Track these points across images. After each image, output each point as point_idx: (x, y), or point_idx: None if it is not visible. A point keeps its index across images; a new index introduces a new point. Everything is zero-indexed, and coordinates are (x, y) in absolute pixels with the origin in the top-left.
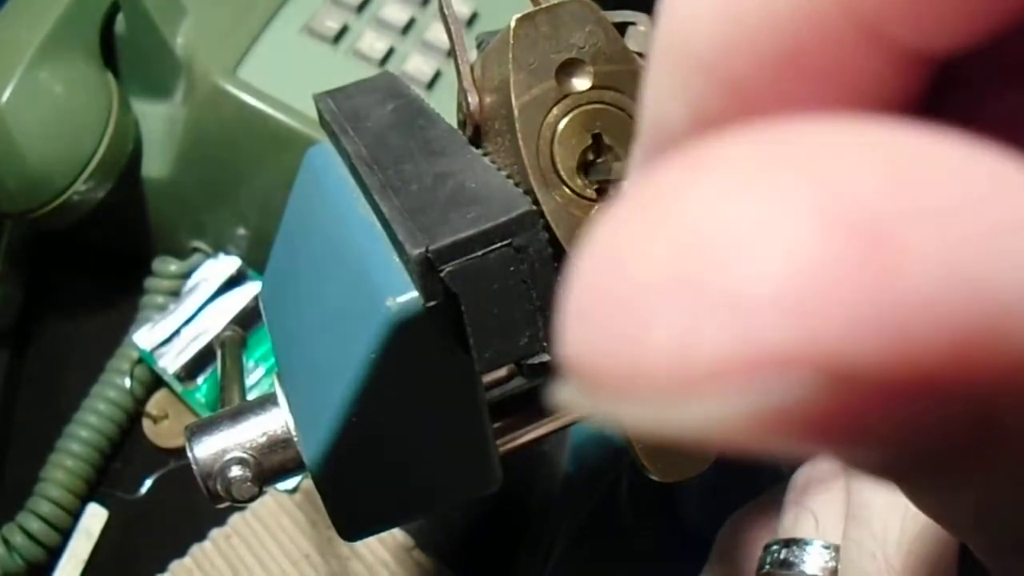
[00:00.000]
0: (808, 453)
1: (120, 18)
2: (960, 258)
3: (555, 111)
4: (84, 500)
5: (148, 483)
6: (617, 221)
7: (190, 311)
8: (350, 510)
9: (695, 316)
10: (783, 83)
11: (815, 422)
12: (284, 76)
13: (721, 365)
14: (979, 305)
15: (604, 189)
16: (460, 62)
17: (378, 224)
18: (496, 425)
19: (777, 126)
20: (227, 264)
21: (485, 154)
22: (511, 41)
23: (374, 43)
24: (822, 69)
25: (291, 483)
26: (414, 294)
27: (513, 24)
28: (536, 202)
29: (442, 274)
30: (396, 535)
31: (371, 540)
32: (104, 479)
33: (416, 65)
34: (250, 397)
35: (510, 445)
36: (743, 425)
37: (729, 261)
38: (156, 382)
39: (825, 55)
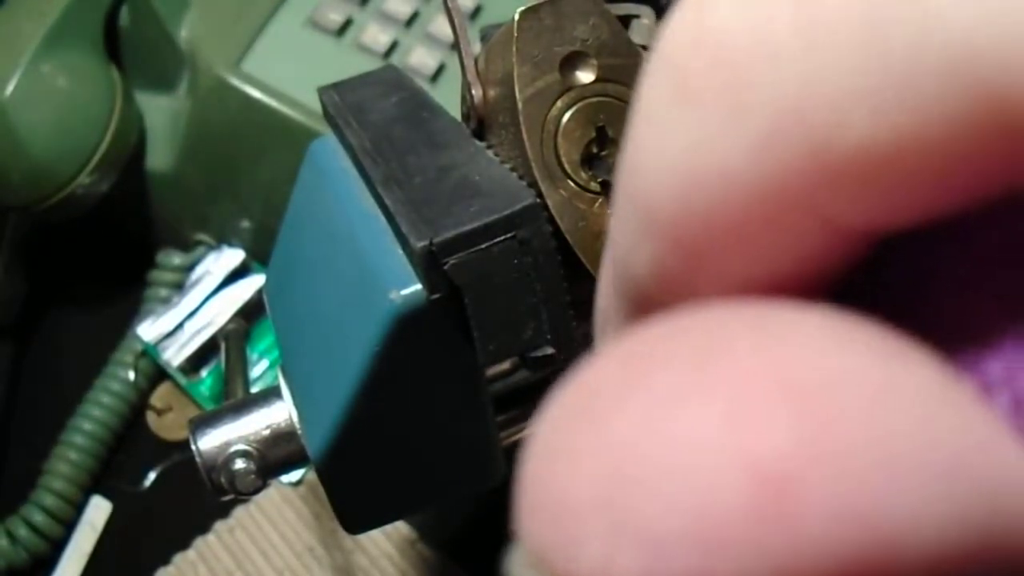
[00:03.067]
0: None
1: (124, 11)
2: (852, 505)
3: (559, 104)
4: (88, 493)
5: (152, 476)
6: (556, 424)
7: (194, 304)
8: (354, 503)
9: (615, 543)
10: (733, 252)
11: None
12: (288, 69)
13: None
14: (868, 549)
15: (608, 182)
16: (464, 55)
17: (382, 217)
18: (500, 418)
19: (707, 326)
20: (231, 257)
21: (489, 147)
22: (515, 34)
23: (378, 36)
24: (772, 243)
25: (295, 476)
26: (418, 287)
27: (517, 17)
28: (540, 195)
29: (446, 267)
30: (400, 528)
31: (375, 533)
32: (108, 472)
33: (420, 58)
34: (254, 390)
35: (514, 438)
36: None
37: (645, 494)
38: (160, 375)
39: (775, 231)
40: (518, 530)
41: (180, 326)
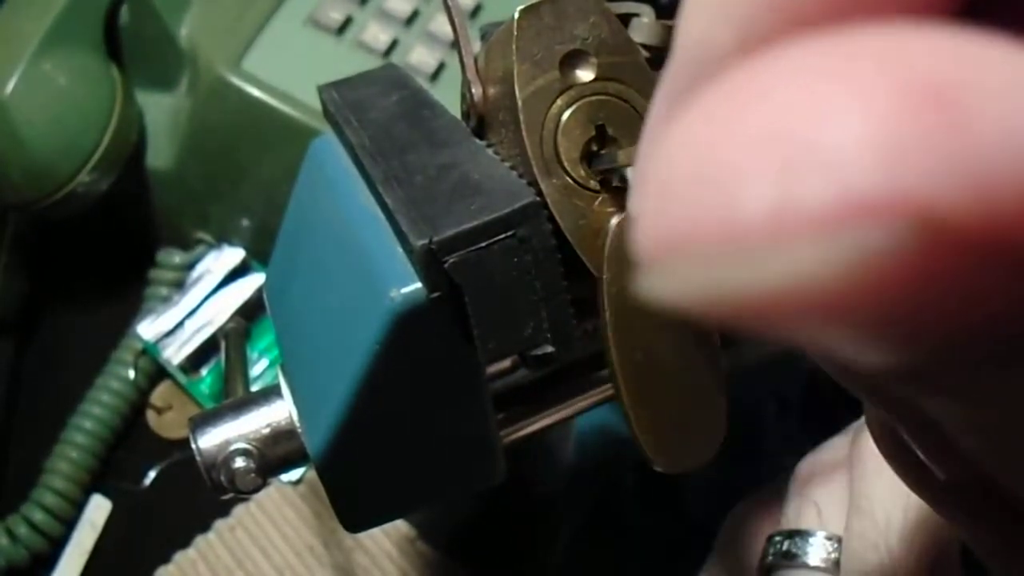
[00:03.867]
0: (888, 323)
1: (124, 9)
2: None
3: (559, 102)
4: (88, 491)
5: (152, 474)
6: (691, 112)
7: (194, 302)
8: (354, 501)
9: (790, 171)
10: (841, 11)
11: (905, 273)
12: (288, 67)
13: (820, 212)
14: None
15: (607, 180)
16: (464, 53)
17: (382, 215)
18: (500, 416)
19: (840, 31)
20: (231, 255)
21: (489, 145)
22: (515, 32)
23: (378, 34)
24: None
25: (295, 474)
26: (418, 285)
27: (517, 15)
28: (540, 193)
29: (446, 265)
30: (400, 526)
31: (375, 531)
32: (108, 470)
33: (420, 56)
34: (254, 388)
35: (514, 436)
36: (840, 276)
37: (819, 124)
38: (160, 373)
39: None
40: (646, 226)
41: (180, 324)
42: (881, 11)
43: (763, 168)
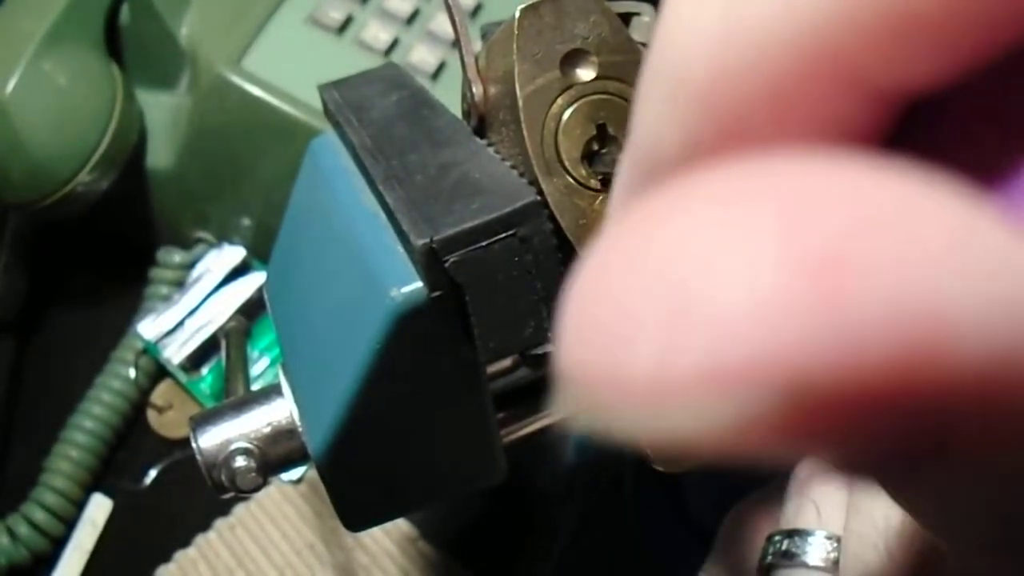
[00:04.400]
0: (778, 456)
1: (124, 9)
2: (902, 283)
3: (559, 101)
4: (89, 490)
5: (153, 473)
6: (607, 243)
7: (194, 301)
8: (354, 500)
9: (672, 334)
10: (769, 116)
11: (778, 430)
12: (288, 67)
13: (694, 379)
14: (919, 326)
15: (608, 179)
16: (464, 52)
17: (382, 214)
18: (500, 415)
19: (752, 163)
20: (231, 254)
21: (490, 144)
22: (516, 31)
23: (378, 34)
24: (805, 106)
25: (295, 473)
26: (418, 284)
27: (518, 14)
28: (540, 192)
29: (446, 264)
30: (400, 525)
31: (375, 530)
32: (109, 469)
33: (420, 56)
34: (254, 387)
35: (514, 435)
36: (716, 433)
37: (703, 287)
38: (161, 372)
39: (809, 93)
40: (560, 358)
41: (181, 324)
42: (816, 134)
43: (649, 327)
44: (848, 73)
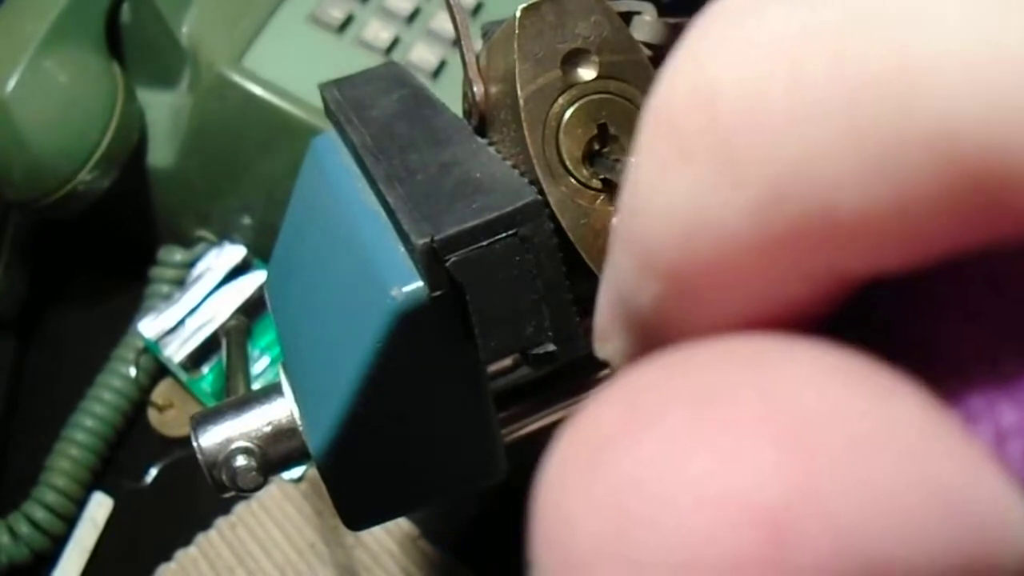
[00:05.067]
0: None
1: (125, 7)
2: (846, 540)
3: (561, 101)
4: (89, 489)
5: (153, 472)
6: (565, 462)
7: (195, 300)
8: (355, 499)
9: None
10: (730, 295)
11: None
12: (289, 65)
13: None
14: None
15: (609, 179)
16: (465, 52)
17: (383, 213)
18: (501, 415)
19: (703, 367)
20: (232, 253)
21: (490, 144)
22: (516, 31)
23: (379, 32)
24: (768, 287)
25: (296, 472)
26: (419, 284)
27: (519, 14)
28: (541, 192)
29: (447, 264)
30: (401, 524)
31: (376, 529)
32: (109, 468)
33: (421, 54)
34: (255, 386)
35: (515, 435)
36: None
37: (649, 543)
38: (161, 371)
39: (771, 277)
40: (531, 558)
41: (181, 322)
42: (773, 314)
43: (602, 560)
44: (805, 265)
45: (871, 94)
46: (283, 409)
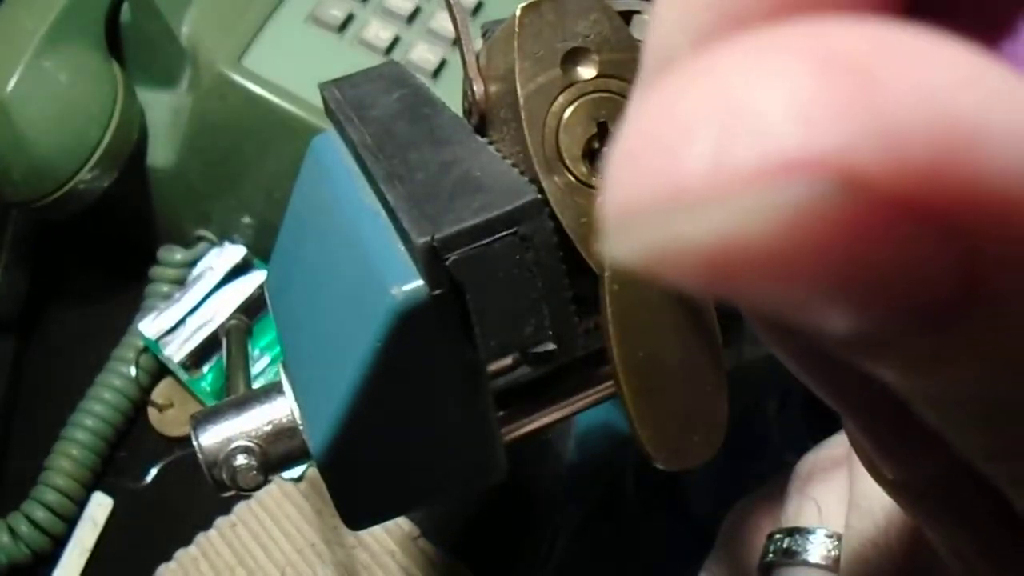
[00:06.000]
0: (810, 308)
1: (125, 7)
2: (933, 96)
3: (560, 99)
4: (89, 489)
5: (153, 472)
6: (654, 87)
7: (195, 300)
8: (355, 499)
9: (726, 135)
10: (779, 12)
11: (828, 231)
12: (289, 65)
13: (752, 169)
14: (949, 129)
15: None
16: (465, 51)
17: (383, 213)
18: (501, 414)
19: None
20: (232, 253)
21: (490, 143)
22: (516, 30)
23: (379, 32)
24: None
25: (296, 472)
26: (419, 282)
27: (518, 13)
28: (541, 191)
29: (447, 263)
30: (401, 524)
31: (376, 529)
32: (109, 468)
33: (421, 54)
34: (255, 386)
35: (515, 434)
36: (770, 230)
37: (749, 95)
38: (161, 371)
39: None
40: (609, 190)
41: (182, 322)
42: (820, 10)
43: (703, 134)
44: None
45: None
46: (283, 408)
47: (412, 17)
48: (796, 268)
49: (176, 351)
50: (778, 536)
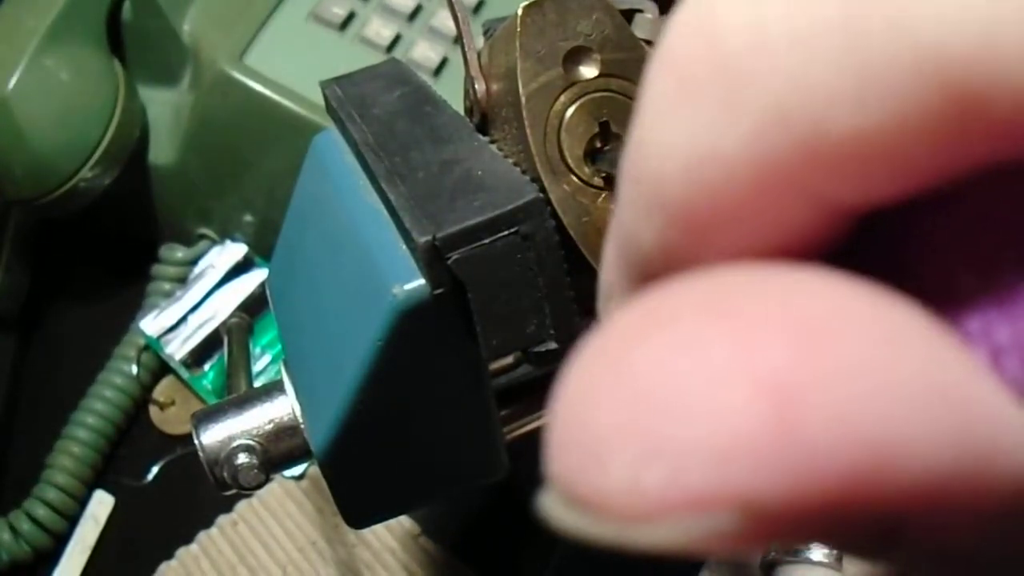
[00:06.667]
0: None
1: (127, 5)
2: (849, 417)
3: (562, 99)
4: (91, 487)
5: (155, 470)
6: (584, 366)
7: (197, 298)
8: (356, 497)
9: (640, 463)
10: (733, 227)
11: (740, 541)
12: (291, 63)
13: (661, 501)
14: (862, 454)
15: (611, 177)
16: (467, 49)
17: (385, 211)
18: (502, 412)
19: (715, 281)
20: (234, 251)
21: (492, 142)
22: (518, 29)
23: (381, 30)
24: (769, 218)
25: (297, 470)
26: (421, 281)
27: (520, 12)
28: (543, 190)
29: (449, 262)
30: (403, 522)
31: (377, 527)
32: (111, 466)
33: (423, 52)
34: (257, 384)
35: (516, 432)
36: (685, 544)
37: (666, 420)
38: (163, 369)
39: (770, 209)
40: (547, 466)
41: (183, 320)
42: (778, 246)
43: (619, 453)
44: (804, 192)
45: (865, 13)
46: (285, 407)
47: (414, 15)
48: (717, 553)
49: (177, 349)
50: None
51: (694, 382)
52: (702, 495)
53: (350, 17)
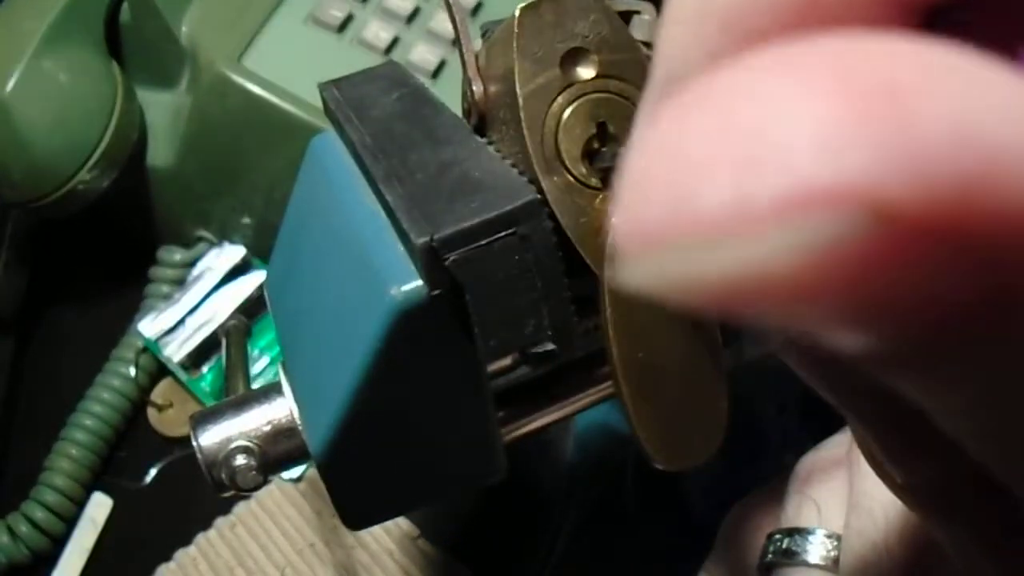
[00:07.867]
0: (832, 329)
1: (125, 7)
2: (963, 119)
3: (560, 100)
4: (89, 489)
5: (153, 472)
6: (669, 109)
7: (195, 300)
8: (355, 499)
9: (745, 169)
10: (795, 28)
11: (855, 263)
12: (289, 65)
13: (774, 205)
14: (978, 153)
15: (608, 178)
16: (465, 51)
17: (383, 213)
18: (500, 414)
19: (799, 40)
20: (232, 253)
21: (490, 143)
22: (516, 30)
23: (379, 32)
24: (829, 16)
25: (296, 472)
26: (418, 283)
27: (518, 13)
28: (540, 191)
29: (447, 263)
30: (401, 524)
31: (375, 529)
32: (109, 468)
33: (421, 54)
34: (255, 386)
35: (515, 434)
36: (795, 264)
37: (773, 123)
38: (161, 371)
39: (831, 5)
40: (625, 214)
41: (181, 322)
42: (841, 23)
43: (721, 165)
44: None
45: None
46: (283, 408)
47: (412, 17)
48: (820, 296)
49: (175, 351)
50: (778, 536)
51: (800, 87)
52: (822, 190)
53: (348, 19)
